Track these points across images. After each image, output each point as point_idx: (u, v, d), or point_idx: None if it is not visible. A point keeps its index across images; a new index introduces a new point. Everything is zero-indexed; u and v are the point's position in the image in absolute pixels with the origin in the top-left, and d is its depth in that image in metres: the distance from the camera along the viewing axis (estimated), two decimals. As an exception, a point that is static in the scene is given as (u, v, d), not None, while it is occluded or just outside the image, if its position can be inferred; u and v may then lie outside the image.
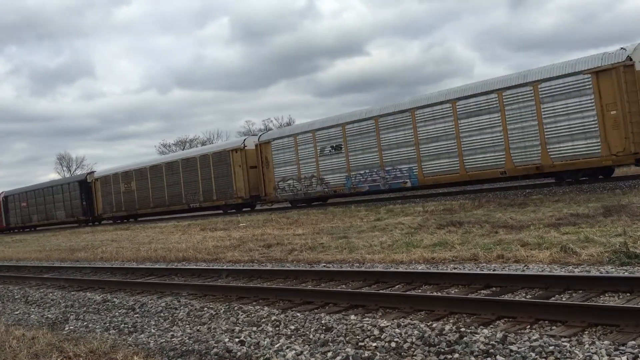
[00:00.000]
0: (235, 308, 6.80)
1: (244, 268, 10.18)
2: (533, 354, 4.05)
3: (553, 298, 5.88)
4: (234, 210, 28.10)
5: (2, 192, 48.96)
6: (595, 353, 3.94)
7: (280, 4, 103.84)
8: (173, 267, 11.78)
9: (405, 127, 20.22)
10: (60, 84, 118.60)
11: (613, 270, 6.74)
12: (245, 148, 26.73)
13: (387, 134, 20.78)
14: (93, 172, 40.16)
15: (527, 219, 11.28)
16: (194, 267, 11.37)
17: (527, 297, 6.08)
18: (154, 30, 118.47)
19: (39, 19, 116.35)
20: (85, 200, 37.70)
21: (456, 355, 4.28)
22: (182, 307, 7.27)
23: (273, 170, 25.35)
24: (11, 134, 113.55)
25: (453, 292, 6.72)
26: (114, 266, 13.40)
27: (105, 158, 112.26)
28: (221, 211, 28.71)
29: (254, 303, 7.34)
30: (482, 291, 6.56)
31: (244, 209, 28.22)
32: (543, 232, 9.59)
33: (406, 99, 21.51)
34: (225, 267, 10.57)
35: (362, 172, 21.77)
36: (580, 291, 5.94)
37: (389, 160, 20.76)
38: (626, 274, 6.36)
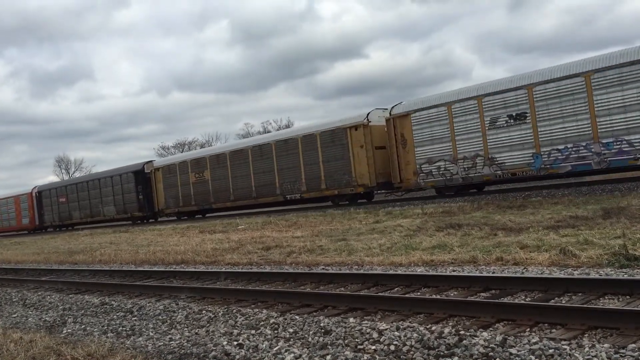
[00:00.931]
0: (234, 311, 6.77)
1: (243, 271, 10.16)
2: (533, 357, 4.03)
3: (552, 301, 5.86)
4: (346, 203, 22.91)
5: (35, 187, 44.24)
6: (596, 356, 3.92)
7: (280, 7, 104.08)
8: (171, 269, 11.75)
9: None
10: (60, 87, 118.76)
11: (612, 272, 6.72)
12: (370, 124, 21.64)
13: (606, 94, 15.82)
14: (151, 161, 34.35)
15: (526, 221, 11.27)
16: (193, 269, 11.34)
17: (527, 299, 6.06)
18: (154, 33, 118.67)
19: (39, 22, 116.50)
20: (142, 194, 32.37)
21: (455, 359, 4.26)
22: (180, 310, 7.24)
23: (413, 149, 20.48)
24: (11, 136, 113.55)
25: (452, 294, 6.70)
26: (112, 269, 13.36)
27: (104, 160, 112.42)
28: (330, 203, 24.03)
29: (253, 306, 7.32)
30: (482, 294, 6.54)
31: (360, 200, 23.28)
32: (542, 235, 9.58)
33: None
34: (223, 270, 10.55)
35: (560, 147, 16.87)
36: (580, 294, 5.93)
37: (609, 130, 15.89)
38: (626, 277, 6.34)
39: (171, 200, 30.99)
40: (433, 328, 4.99)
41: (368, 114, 21.81)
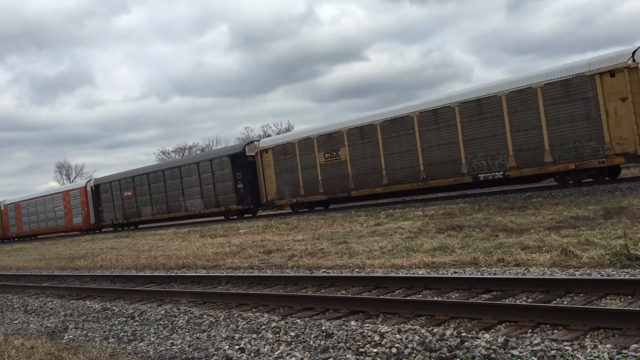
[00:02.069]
0: (235, 315, 6.76)
1: (244, 275, 10.15)
2: (535, 359, 4.02)
3: (554, 302, 5.85)
4: (590, 180, 17.09)
5: (90, 179, 38.10)
6: (598, 357, 3.91)
7: (280, 11, 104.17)
8: (173, 274, 11.75)
9: None
10: (60, 93, 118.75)
11: (614, 272, 6.71)
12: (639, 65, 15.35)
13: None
14: (253, 141, 28.53)
15: (527, 222, 11.25)
16: (194, 274, 11.34)
17: (528, 300, 6.05)
18: (153, 38, 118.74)
19: (39, 29, 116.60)
20: (243, 182, 26.25)
21: (457, 361, 4.25)
22: (181, 315, 7.23)
23: None
24: (12, 142, 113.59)
25: (454, 296, 6.69)
26: (113, 274, 13.36)
27: (104, 166, 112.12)
28: (553, 182, 18.33)
29: (254, 310, 7.31)
30: (483, 295, 6.53)
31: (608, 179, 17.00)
32: (543, 235, 9.57)
33: None
34: (225, 274, 10.53)
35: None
36: (582, 294, 5.92)
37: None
38: (627, 277, 6.34)
39: (287, 189, 24.50)
40: (435, 330, 4.98)
41: (634, 52, 15.41)
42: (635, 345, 4.11)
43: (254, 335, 5.76)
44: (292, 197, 24.38)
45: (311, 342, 5.25)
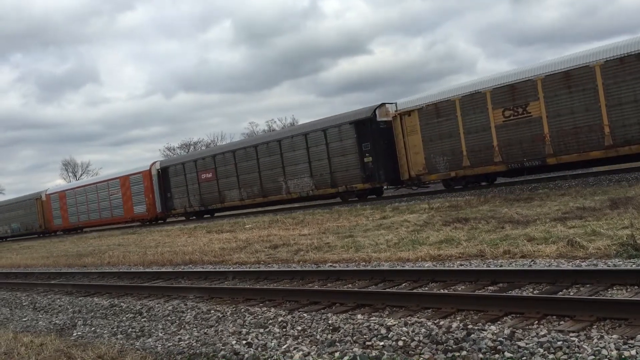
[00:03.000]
0: (242, 310, 6.79)
1: (251, 270, 10.18)
2: (541, 350, 4.02)
3: (560, 293, 5.85)
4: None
5: (155, 162, 32.55)
6: (604, 347, 3.91)
7: (283, 5, 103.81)
8: (180, 270, 11.79)
9: None
10: (66, 91, 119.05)
11: (621, 263, 6.69)
12: None
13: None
14: (384, 104, 22.13)
15: (533, 214, 11.23)
16: (201, 269, 11.38)
17: (535, 292, 6.05)
18: (158, 36, 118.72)
19: (44, 27, 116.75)
20: (372, 154, 21.38)
21: (464, 353, 4.25)
22: (189, 310, 7.27)
23: None
24: (19, 141, 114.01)
25: (460, 289, 6.70)
26: (120, 271, 13.42)
27: (110, 163, 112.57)
28: None
29: (261, 305, 7.34)
30: (489, 287, 6.53)
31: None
32: (549, 227, 9.55)
33: None
34: (231, 269, 10.58)
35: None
36: (588, 285, 5.91)
37: None
38: (634, 267, 6.32)
39: (441, 160, 19.70)
40: (441, 323, 4.99)
41: None
42: (642, 335, 4.11)
43: (261, 330, 5.79)
44: (450, 169, 19.58)
45: (318, 336, 5.27)
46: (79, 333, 7.24)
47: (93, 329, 7.33)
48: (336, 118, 23.34)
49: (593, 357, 3.82)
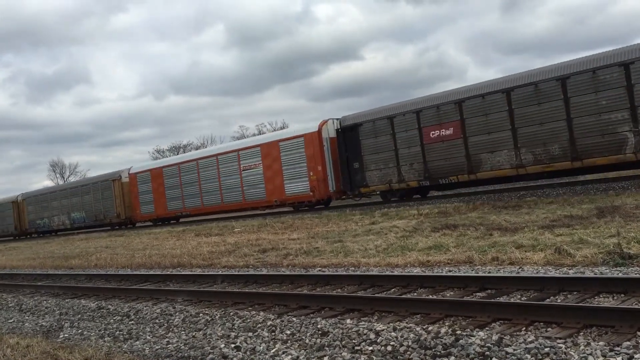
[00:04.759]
0: (231, 313, 6.78)
1: (240, 273, 10.16)
2: (529, 356, 4.05)
3: (548, 300, 5.90)
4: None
5: (327, 119, 22.63)
6: (591, 354, 3.95)
7: (276, 10, 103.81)
8: (168, 273, 11.74)
9: None
10: (56, 91, 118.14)
11: (607, 271, 6.76)
12: None
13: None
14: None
15: (521, 221, 11.31)
16: (189, 273, 11.34)
17: (522, 299, 6.09)
18: (150, 37, 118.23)
19: (35, 27, 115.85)
20: None
21: (452, 358, 4.28)
22: (177, 314, 7.24)
23: None
24: (7, 141, 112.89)
25: (448, 295, 6.73)
26: (108, 273, 13.34)
27: (99, 164, 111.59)
28: None
29: (250, 308, 7.33)
30: (478, 293, 6.57)
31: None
32: (537, 234, 9.62)
33: None
34: (220, 273, 10.54)
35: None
36: (575, 292, 5.96)
37: None
38: (620, 275, 6.38)
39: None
40: (430, 328, 5.01)
41: None
42: (628, 342, 4.16)
43: (250, 334, 5.78)
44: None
45: (307, 341, 5.27)
46: (65, 335, 7.18)
47: (80, 331, 7.28)
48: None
49: (580, 363, 3.85)
